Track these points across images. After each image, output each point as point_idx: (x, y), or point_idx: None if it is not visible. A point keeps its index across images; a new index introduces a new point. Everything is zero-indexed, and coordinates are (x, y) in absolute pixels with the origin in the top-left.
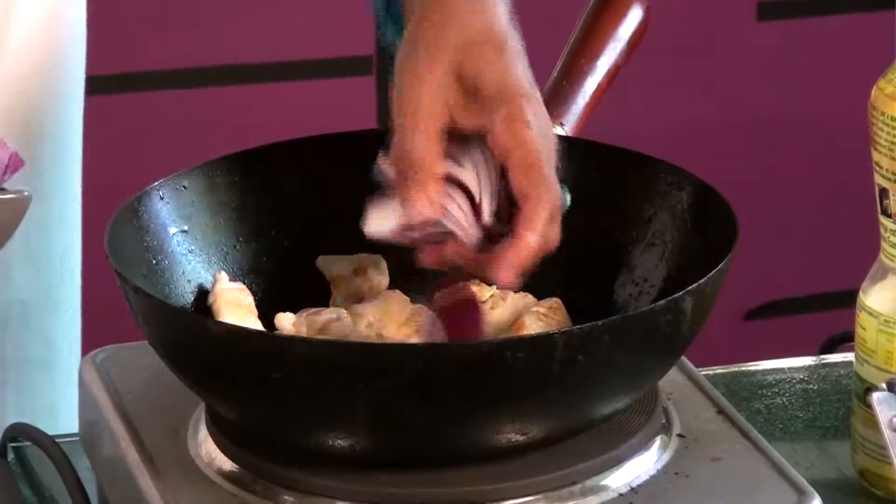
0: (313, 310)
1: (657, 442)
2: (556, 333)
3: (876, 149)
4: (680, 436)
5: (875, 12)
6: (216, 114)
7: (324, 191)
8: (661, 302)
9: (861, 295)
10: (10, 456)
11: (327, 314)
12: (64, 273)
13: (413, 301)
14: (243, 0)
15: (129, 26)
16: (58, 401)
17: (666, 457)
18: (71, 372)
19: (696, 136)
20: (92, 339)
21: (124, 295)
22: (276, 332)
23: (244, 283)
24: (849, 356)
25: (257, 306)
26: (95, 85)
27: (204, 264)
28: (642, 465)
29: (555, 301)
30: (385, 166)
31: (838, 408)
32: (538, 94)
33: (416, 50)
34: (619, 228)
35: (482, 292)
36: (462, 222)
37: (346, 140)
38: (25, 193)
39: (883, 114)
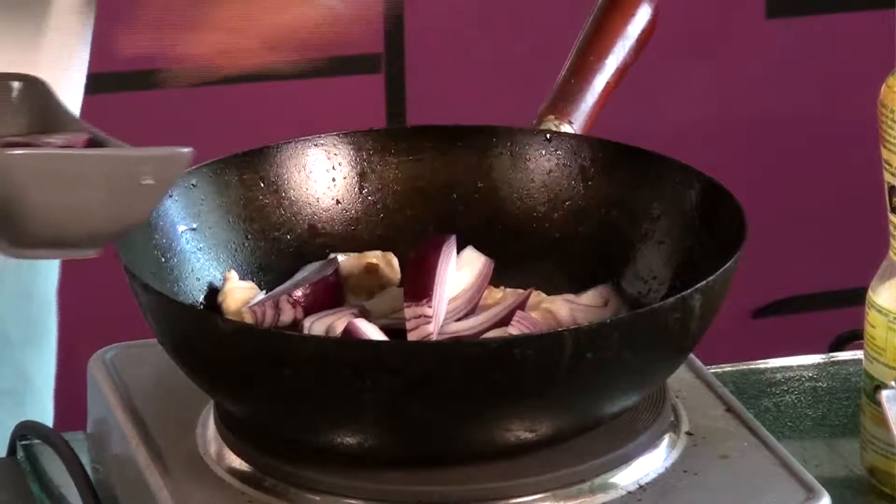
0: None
1: (666, 440)
2: (564, 331)
3: (885, 146)
4: (688, 434)
5: (885, 10)
6: (224, 112)
7: (333, 188)
8: (670, 299)
9: (870, 293)
10: (20, 454)
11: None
12: (47, 304)
13: None
14: None
15: (135, 24)
16: None
17: (674, 455)
18: (43, 402)
19: (705, 133)
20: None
21: (133, 293)
22: (286, 330)
23: (253, 281)
24: (858, 354)
25: None
26: (102, 83)
27: (213, 262)
28: (651, 463)
29: (568, 298)
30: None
31: (847, 405)
32: None
33: None
34: (627, 226)
35: (492, 294)
36: None
37: (352, 138)
38: (185, 150)
39: (892, 111)
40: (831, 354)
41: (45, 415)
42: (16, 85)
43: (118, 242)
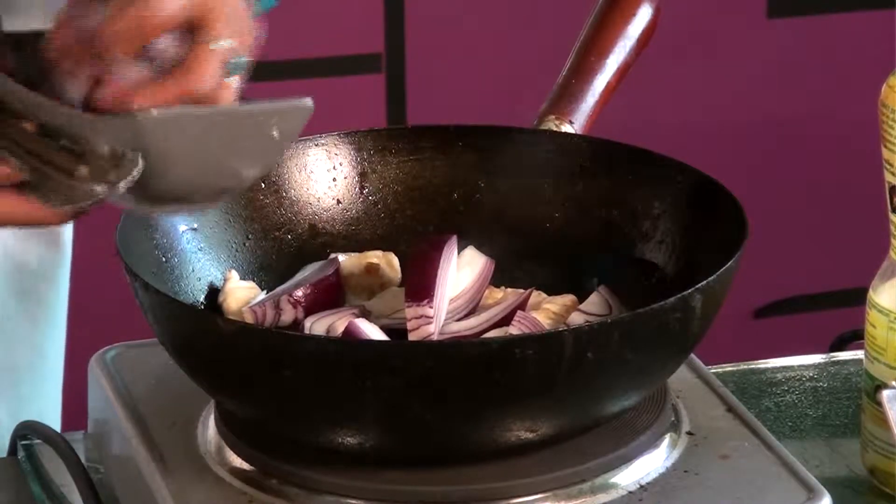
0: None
1: (666, 440)
2: (565, 331)
3: (886, 146)
4: (689, 433)
5: (885, 10)
6: None
7: (333, 188)
8: (671, 299)
9: (871, 293)
10: (21, 454)
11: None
12: (53, 277)
13: None
14: None
15: None
16: (45, 408)
17: (675, 455)
18: (57, 379)
19: (706, 133)
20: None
21: (134, 293)
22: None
23: (254, 281)
24: (859, 354)
25: None
26: None
27: (213, 262)
28: (651, 463)
29: (570, 298)
30: None
31: (848, 405)
32: None
33: None
34: (628, 226)
35: (492, 294)
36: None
37: (352, 137)
38: (307, 103)
39: (893, 111)
40: (832, 354)
41: (57, 401)
42: None
43: (119, 242)
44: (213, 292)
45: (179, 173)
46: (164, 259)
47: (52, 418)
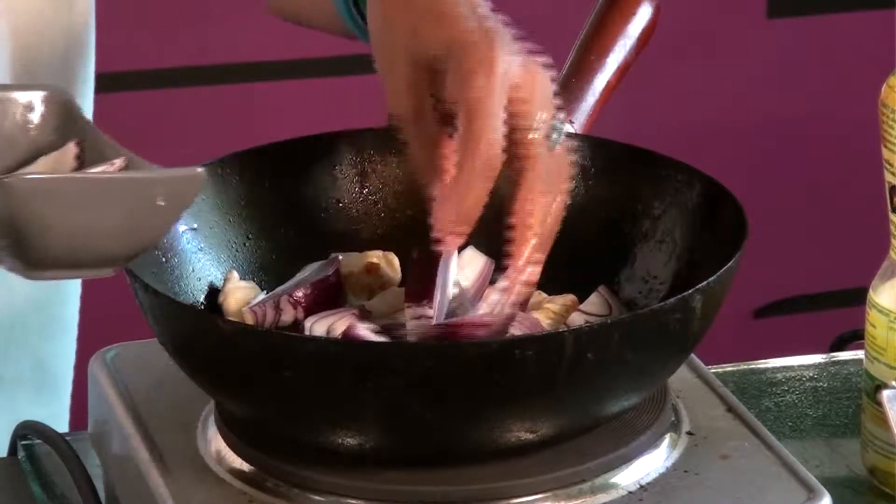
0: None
1: (666, 440)
2: (565, 332)
3: (886, 146)
4: (689, 434)
5: (885, 10)
6: (224, 111)
7: (333, 188)
8: (671, 300)
9: (871, 292)
10: (21, 454)
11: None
12: (63, 288)
13: None
14: None
15: (136, 24)
16: (50, 417)
17: (675, 455)
18: (66, 388)
19: (706, 133)
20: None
21: (134, 293)
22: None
23: (254, 281)
24: (859, 354)
25: None
26: (103, 82)
27: (213, 262)
28: (651, 463)
29: (570, 298)
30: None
31: (848, 405)
32: (501, 33)
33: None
34: (628, 226)
35: (490, 293)
36: None
37: (352, 137)
38: (198, 171)
39: (893, 111)
40: (832, 354)
41: (64, 407)
42: (39, 101)
43: None
44: (213, 292)
45: (55, 238)
46: (164, 259)
47: (59, 426)
